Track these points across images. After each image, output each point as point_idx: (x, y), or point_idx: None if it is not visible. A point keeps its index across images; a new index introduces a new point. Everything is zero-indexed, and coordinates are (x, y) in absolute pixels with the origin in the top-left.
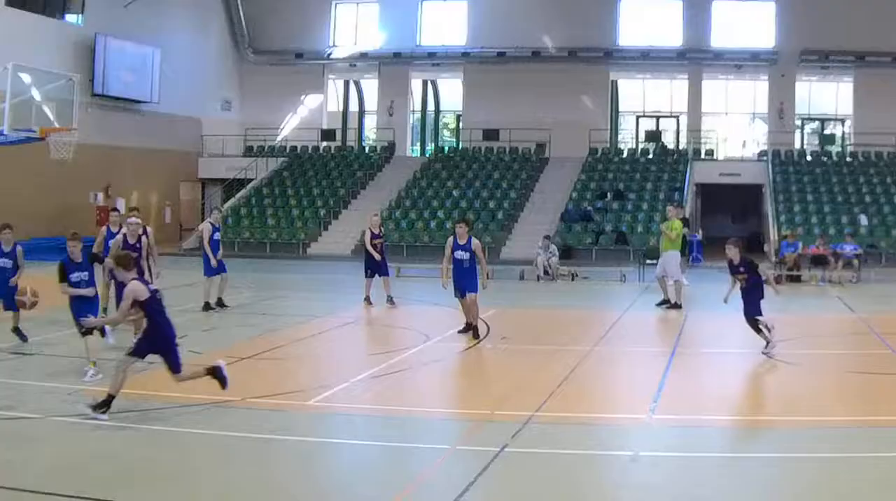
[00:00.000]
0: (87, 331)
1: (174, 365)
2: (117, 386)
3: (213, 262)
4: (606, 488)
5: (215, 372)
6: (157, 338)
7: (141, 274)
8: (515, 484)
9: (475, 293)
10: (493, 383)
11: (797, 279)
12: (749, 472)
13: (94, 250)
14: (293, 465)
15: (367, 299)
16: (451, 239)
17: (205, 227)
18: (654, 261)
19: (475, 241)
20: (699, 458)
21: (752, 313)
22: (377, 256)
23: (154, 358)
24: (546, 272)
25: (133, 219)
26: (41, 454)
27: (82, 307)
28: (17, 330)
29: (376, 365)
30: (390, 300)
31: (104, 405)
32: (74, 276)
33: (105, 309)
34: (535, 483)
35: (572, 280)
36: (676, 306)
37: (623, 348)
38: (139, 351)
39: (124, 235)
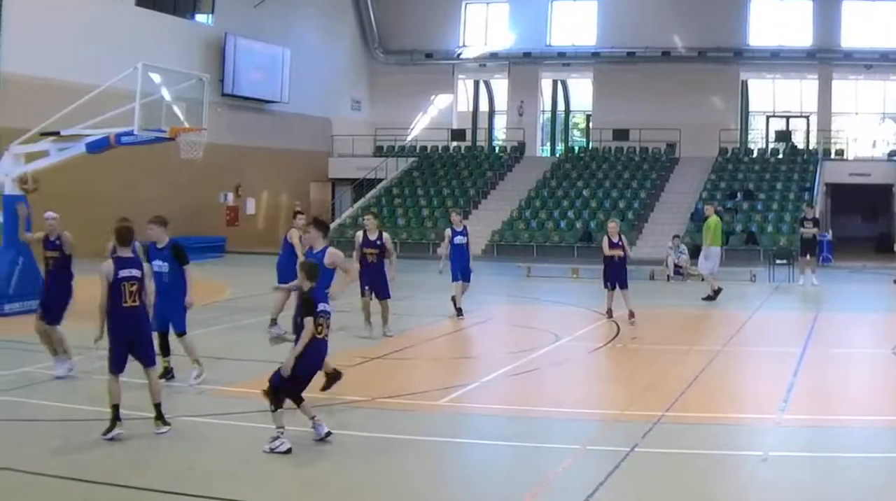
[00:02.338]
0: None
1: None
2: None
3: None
4: (736, 488)
5: (334, 376)
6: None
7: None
8: (645, 484)
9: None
10: (624, 383)
11: None
12: (880, 472)
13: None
14: (423, 465)
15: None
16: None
17: (446, 234)
18: (785, 262)
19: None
20: (829, 458)
21: None
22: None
23: (283, 358)
24: (676, 272)
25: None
26: (169, 454)
27: None
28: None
29: (506, 364)
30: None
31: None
32: None
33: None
34: (664, 483)
35: (702, 280)
36: (711, 298)
37: (752, 348)
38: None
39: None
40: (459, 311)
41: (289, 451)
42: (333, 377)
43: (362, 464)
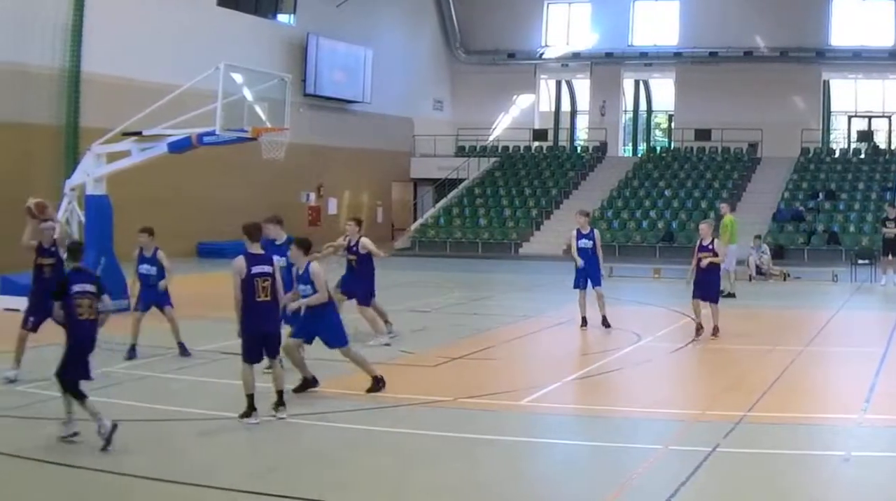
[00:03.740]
0: None
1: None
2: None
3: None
4: (818, 489)
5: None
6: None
7: None
8: (727, 484)
9: None
10: (705, 383)
11: None
12: None
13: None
14: (504, 465)
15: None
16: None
17: (571, 236)
18: (867, 262)
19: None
20: None
21: None
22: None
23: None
24: (759, 272)
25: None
26: (251, 454)
27: None
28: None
29: (588, 365)
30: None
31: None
32: None
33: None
34: (746, 483)
35: (784, 280)
36: (731, 295)
37: (834, 348)
38: None
39: None
40: (584, 321)
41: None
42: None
43: (444, 464)
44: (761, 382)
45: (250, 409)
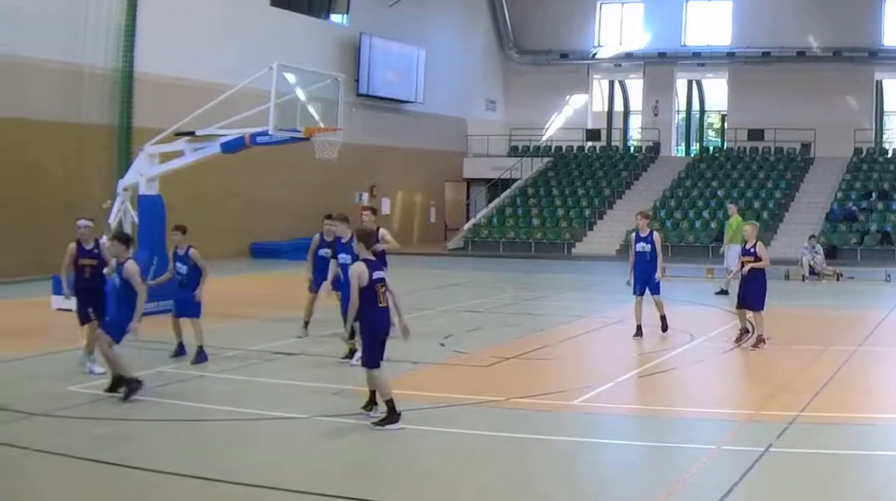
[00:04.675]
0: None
1: None
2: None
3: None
4: (871, 489)
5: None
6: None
7: None
8: (780, 484)
9: None
10: (758, 383)
11: None
12: None
13: None
14: (556, 465)
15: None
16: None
17: (656, 238)
18: None
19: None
20: None
21: None
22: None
23: (419, 358)
24: (812, 271)
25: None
26: (304, 454)
27: None
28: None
29: (641, 365)
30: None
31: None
32: None
33: None
34: (799, 483)
35: (837, 280)
36: (723, 292)
37: (888, 348)
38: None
39: None
40: (638, 330)
41: None
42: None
43: (496, 464)
44: (814, 382)
45: (391, 414)
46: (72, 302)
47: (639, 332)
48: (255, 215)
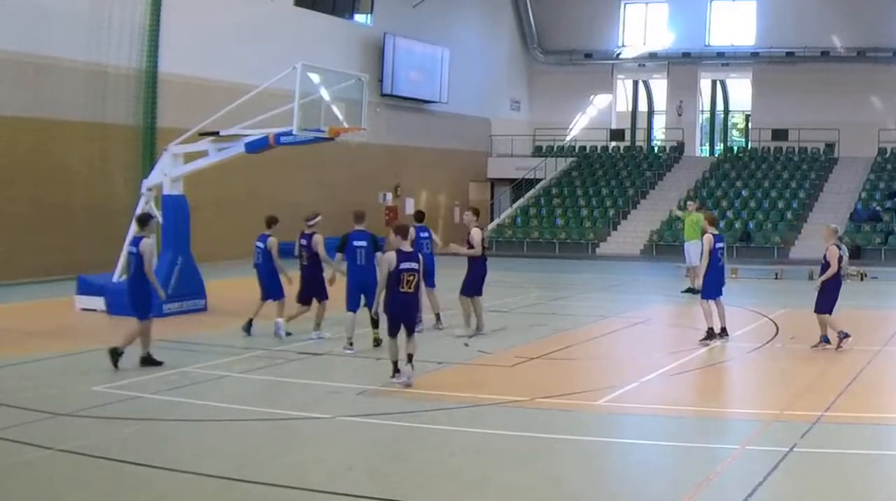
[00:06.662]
0: None
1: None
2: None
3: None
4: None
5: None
6: None
7: None
8: (804, 484)
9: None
10: (782, 383)
11: None
12: None
13: None
14: (581, 465)
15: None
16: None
17: (706, 240)
18: None
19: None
20: None
21: None
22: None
23: (444, 358)
24: None
25: None
26: (330, 454)
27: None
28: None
29: (665, 365)
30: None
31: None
32: None
33: None
34: (824, 483)
35: (861, 280)
36: (690, 290)
37: None
38: None
39: None
40: (712, 333)
41: None
42: None
43: (521, 464)
44: (839, 382)
45: (395, 371)
46: (95, 302)
47: (724, 333)
48: (280, 215)
